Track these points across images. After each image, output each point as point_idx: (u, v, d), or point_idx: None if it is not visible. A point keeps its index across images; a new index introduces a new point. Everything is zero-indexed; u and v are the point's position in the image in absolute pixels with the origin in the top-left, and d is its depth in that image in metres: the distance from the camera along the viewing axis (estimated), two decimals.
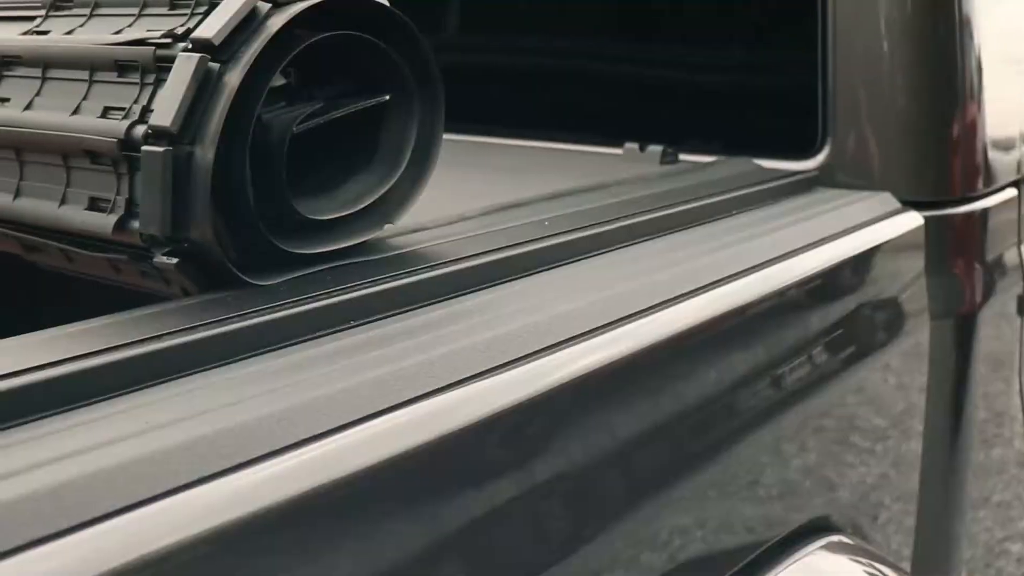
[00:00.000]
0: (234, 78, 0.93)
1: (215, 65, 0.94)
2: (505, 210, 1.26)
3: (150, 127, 0.94)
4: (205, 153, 0.92)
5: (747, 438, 1.21)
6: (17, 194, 1.06)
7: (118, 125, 0.96)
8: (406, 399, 0.81)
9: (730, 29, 1.87)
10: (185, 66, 0.93)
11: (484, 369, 0.87)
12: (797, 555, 1.32)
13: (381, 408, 0.79)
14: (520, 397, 0.88)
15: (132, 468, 0.68)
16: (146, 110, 0.97)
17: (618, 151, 1.73)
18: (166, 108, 0.93)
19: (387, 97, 1.06)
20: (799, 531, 1.34)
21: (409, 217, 1.09)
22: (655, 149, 1.69)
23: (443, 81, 1.08)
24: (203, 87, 0.93)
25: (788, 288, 1.28)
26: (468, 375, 0.86)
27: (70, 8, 1.11)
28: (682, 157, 1.71)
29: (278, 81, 1.00)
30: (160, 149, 0.92)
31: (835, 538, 1.39)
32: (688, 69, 1.88)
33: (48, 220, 1.03)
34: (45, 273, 1.16)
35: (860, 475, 1.47)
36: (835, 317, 1.38)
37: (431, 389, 0.83)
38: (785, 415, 1.28)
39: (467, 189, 1.38)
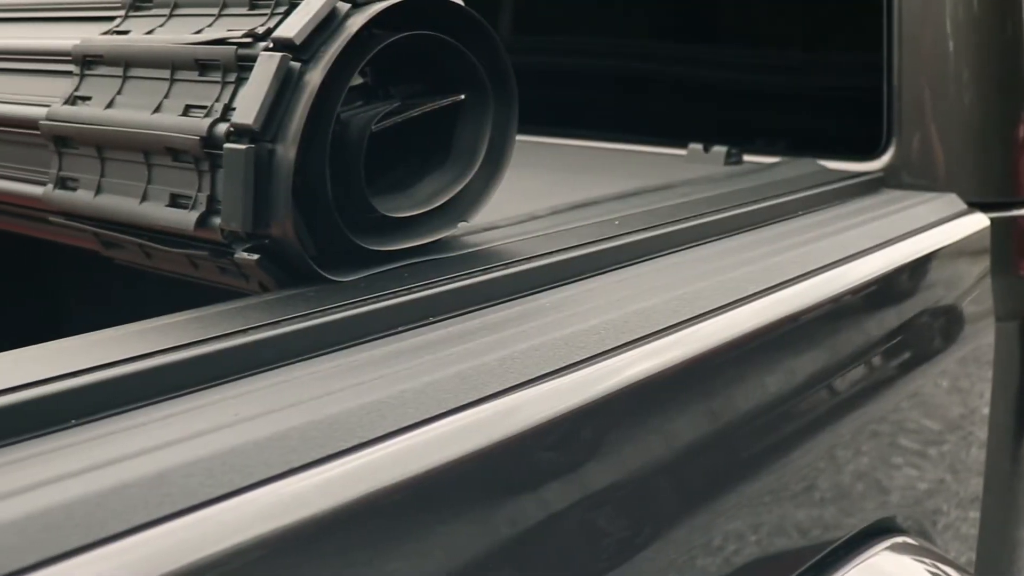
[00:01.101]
0: (315, 77, 0.94)
1: (296, 64, 0.95)
2: (574, 209, 1.27)
3: (232, 125, 0.95)
4: (287, 151, 0.93)
5: (814, 439, 1.21)
6: (98, 191, 1.08)
7: (200, 123, 0.98)
8: (491, 393, 0.82)
9: (795, 30, 1.87)
10: (267, 65, 0.95)
11: (565, 365, 0.87)
12: (863, 556, 1.32)
13: (467, 402, 0.80)
14: (600, 392, 0.89)
15: (227, 458, 0.69)
16: (228, 108, 0.98)
17: (682, 152, 1.74)
18: (248, 106, 0.94)
19: (463, 96, 1.07)
20: (865, 532, 1.33)
21: (479, 216, 1.09)
22: (719, 150, 1.69)
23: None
24: (284, 86, 0.94)
25: (857, 289, 1.28)
26: (550, 370, 0.86)
27: (149, 8, 1.13)
28: (746, 158, 1.71)
29: (356, 80, 1.01)
30: (242, 146, 0.93)
31: (900, 539, 1.38)
32: (752, 70, 1.88)
33: (129, 216, 1.04)
34: (120, 269, 1.17)
35: (925, 478, 1.47)
36: (902, 319, 1.38)
37: (515, 384, 0.83)
38: (852, 416, 1.28)
39: (534, 189, 1.39)
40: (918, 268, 1.42)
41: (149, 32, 1.10)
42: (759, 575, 1.14)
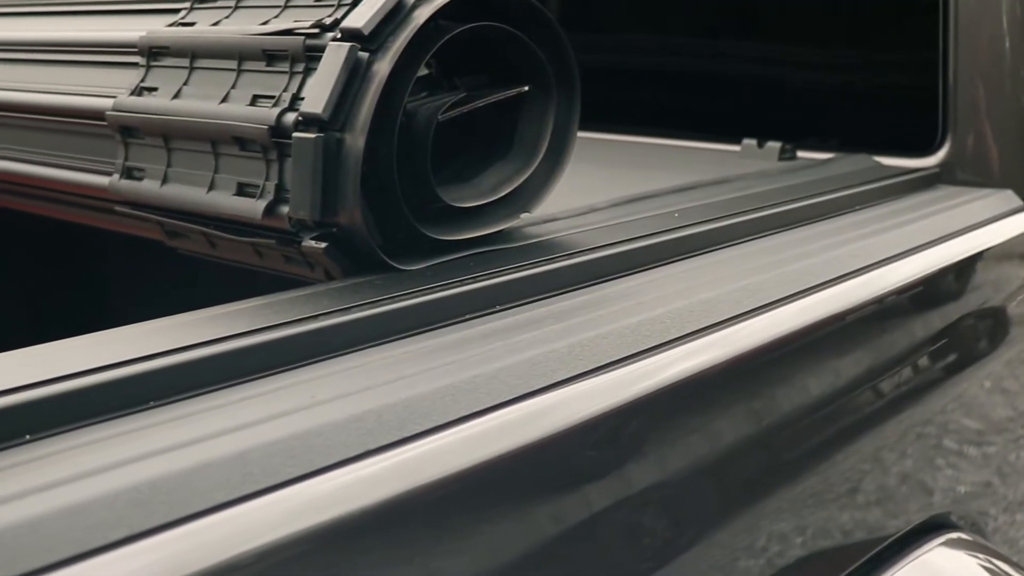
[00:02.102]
0: (383, 67, 0.95)
1: (364, 54, 0.96)
2: (633, 202, 1.27)
3: (301, 114, 0.96)
4: (355, 140, 0.94)
5: (873, 432, 1.21)
6: (164, 180, 1.09)
7: (268, 112, 0.99)
8: (560, 379, 0.82)
9: (851, 27, 1.86)
10: (335, 55, 0.95)
11: (633, 352, 0.88)
12: (918, 551, 1.32)
13: (537, 388, 0.81)
14: (667, 381, 0.89)
15: (306, 439, 0.70)
16: (296, 98, 0.99)
17: (735, 148, 1.74)
18: (317, 95, 0.95)
19: (527, 88, 1.07)
20: (919, 528, 1.33)
21: (540, 208, 1.10)
22: (773, 145, 1.69)
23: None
24: (353, 76, 0.95)
25: (916, 283, 1.28)
26: (618, 358, 0.87)
27: (215, 1, 1.14)
28: (799, 154, 1.70)
29: (421, 71, 1.01)
30: (311, 135, 0.94)
31: (955, 535, 1.38)
32: (807, 67, 1.88)
33: (196, 205, 1.05)
34: (181, 259, 1.18)
35: (980, 474, 1.46)
36: (959, 313, 1.38)
37: (584, 371, 0.84)
38: (909, 410, 1.28)
39: (590, 183, 1.39)
40: (975, 264, 1.42)
41: (215, 24, 1.11)
42: (817, 569, 1.14)
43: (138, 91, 1.13)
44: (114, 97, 1.14)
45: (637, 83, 2.07)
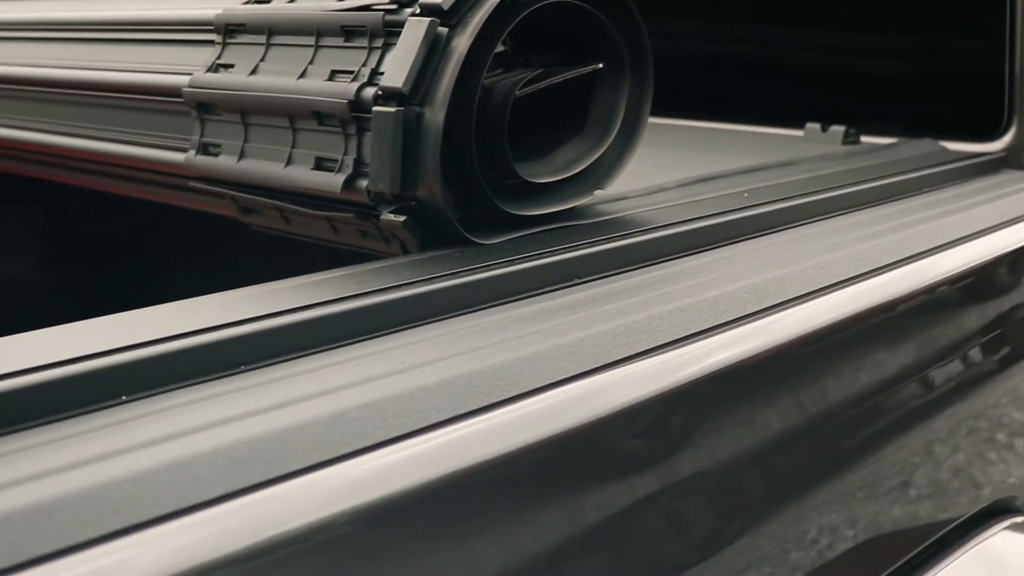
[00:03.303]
0: (462, 43, 0.96)
1: (443, 30, 0.96)
2: (701, 182, 1.27)
3: (381, 88, 0.97)
4: (435, 114, 0.95)
5: (939, 414, 1.21)
6: (241, 155, 1.10)
7: (347, 87, 1.00)
8: (642, 350, 0.83)
9: (915, 11, 1.86)
10: (415, 29, 0.96)
11: (712, 326, 0.89)
12: (982, 535, 1.31)
13: (620, 358, 0.81)
14: (745, 354, 0.90)
15: (398, 402, 0.70)
16: (375, 73, 1.00)
17: (798, 132, 1.74)
18: (397, 70, 0.96)
19: (601, 65, 1.08)
20: (984, 512, 1.33)
21: (610, 186, 1.11)
22: (837, 129, 1.69)
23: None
24: (432, 51, 0.96)
25: (981, 266, 1.27)
26: (697, 331, 0.87)
27: None
28: (862, 139, 1.70)
29: (496, 48, 1.02)
30: (391, 109, 0.95)
31: (1020, 519, 1.38)
32: (871, 52, 1.87)
33: (273, 180, 1.07)
34: (255, 236, 1.20)
35: None
36: None
37: (664, 342, 0.85)
38: (976, 392, 1.28)
39: (658, 164, 1.39)
40: None
41: (291, 1, 1.12)
42: (882, 550, 1.14)
43: (214, 68, 1.14)
44: (190, 75, 1.16)
45: (701, 69, 2.07)
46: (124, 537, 0.58)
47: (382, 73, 0.99)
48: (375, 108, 0.96)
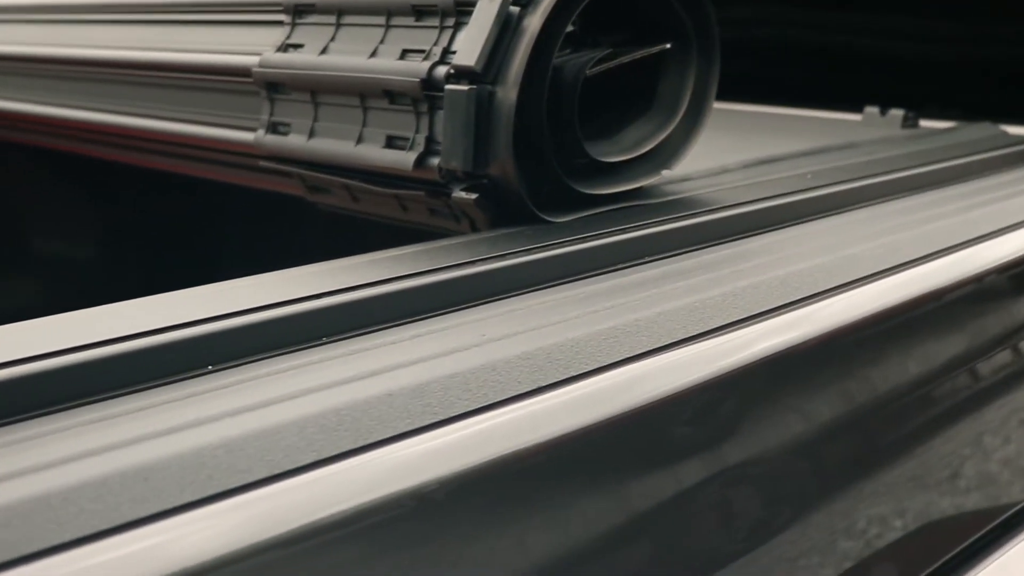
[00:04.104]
0: (534, 22, 0.96)
1: (515, 9, 0.97)
2: (764, 164, 1.28)
3: (453, 67, 0.98)
4: (507, 93, 0.95)
5: (991, 403, 1.21)
6: (311, 134, 1.11)
7: (419, 66, 1.00)
8: (717, 326, 0.83)
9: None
10: (487, 9, 0.97)
11: (785, 303, 0.89)
12: None
13: (695, 333, 0.82)
14: (818, 331, 0.90)
15: (480, 374, 0.71)
16: (447, 52, 1.01)
17: (857, 117, 1.74)
18: (470, 49, 0.96)
19: (669, 45, 1.08)
20: None
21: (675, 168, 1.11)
22: (896, 113, 1.69)
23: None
24: (504, 30, 0.97)
25: None
26: (771, 307, 0.88)
27: None
28: (921, 123, 1.70)
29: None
30: (464, 88, 0.96)
31: None
32: (931, 37, 1.87)
33: (344, 158, 1.08)
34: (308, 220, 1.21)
35: None
36: None
37: (739, 319, 0.85)
38: None
39: (718, 147, 1.40)
40: None
41: None
42: (932, 541, 1.14)
43: (284, 48, 1.15)
44: (258, 55, 1.17)
45: (758, 54, 2.06)
46: (218, 502, 0.59)
47: (454, 52, 0.99)
48: (447, 87, 0.97)
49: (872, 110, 1.72)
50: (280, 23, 1.18)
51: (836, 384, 0.93)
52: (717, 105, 1.12)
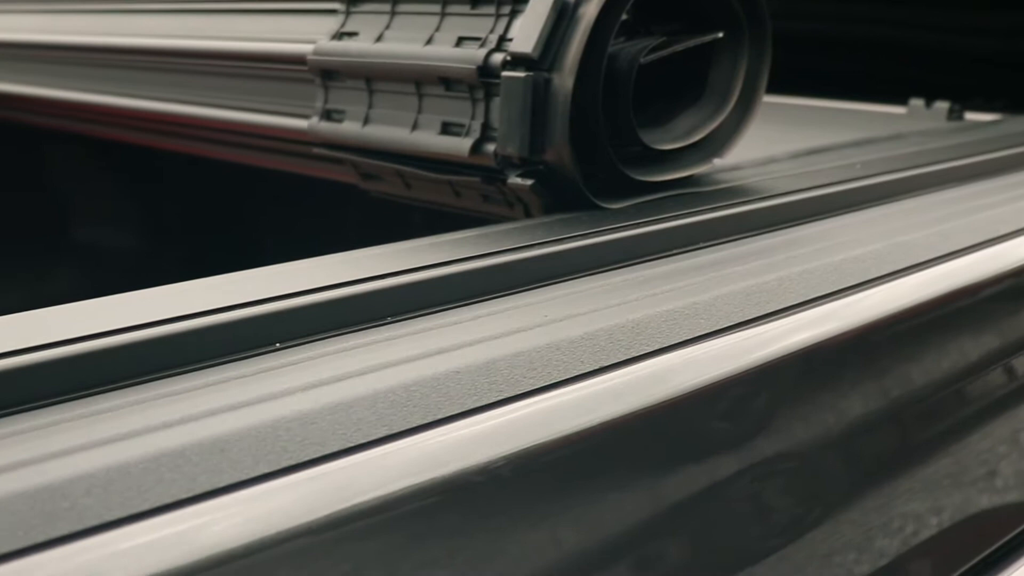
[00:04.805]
0: (590, 10, 0.97)
1: None
2: (812, 154, 1.28)
3: (510, 54, 0.99)
4: (563, 80, 0.96)
5: None
6: (366, 121, 1.13)
7: (476, 53, 1.02)
8: (773, 311, 0.84)
9: None
10: None
11: (840, 288, 0.90)
12: None
13: (752, 317, 0.83)
14: (871, 317, 0.91)
15: (544, 353, 0.72)
16: (502, 39, 1.02)
17: (901, 110, 1.74)
18: (527, 36, 0.98)
19: (721, 34, 1.09)
20: None
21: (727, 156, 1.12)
22: (941, 105, 1.69)
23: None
24: (560, 18, 0.98)
25: None
26: (826, 292, 0.89)
27: None
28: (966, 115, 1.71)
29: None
30: (521, 74, 0.97)
31: None
32: (974, 30, 1.87)
33: (399, 145, 1.09)
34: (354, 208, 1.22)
35: None
36: None
37: (794, 303, 0.86)
38: None
39: (766, 138, 1.40)
40: None
41: None
42: (968, 539, 1.14)
43: (339, 36, 1.16)
44: (312, 43, 1.18)
45: (804, 47, 2.07)
46: (293, 473, 0.60)
47: (509, 40, 1.01)
48: (504, 73, 0.98)
49: (917, 102, 1.72)
50: (333, 12, 1.19)
51: (892, 370, 0.94)
52: (768, 99, 1.13)
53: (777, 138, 1.45)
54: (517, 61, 0.98)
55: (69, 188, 2.29)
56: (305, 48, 1.19)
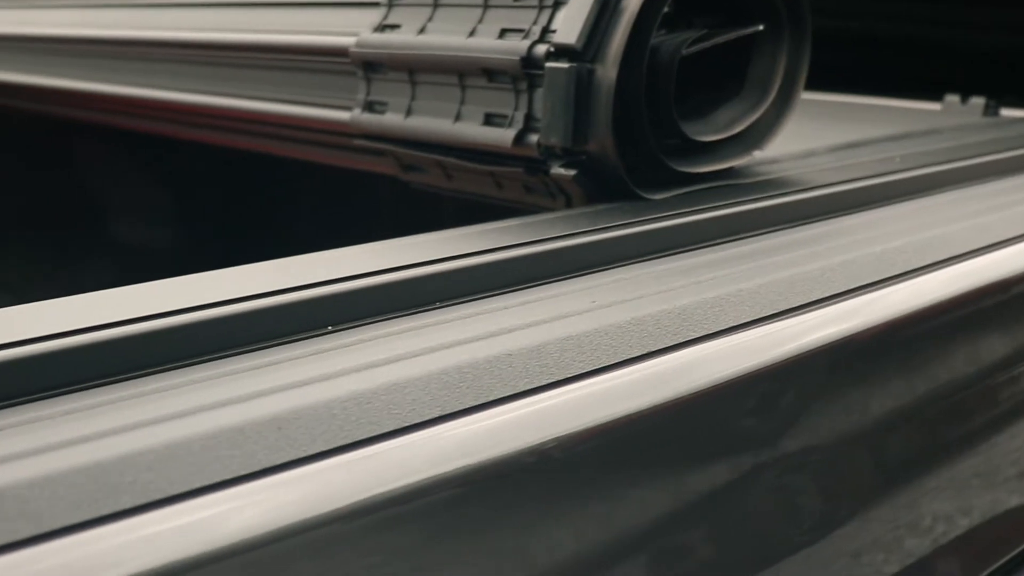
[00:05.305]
0: (633, 2, 0.98)
1: None
2: (850, 148, 1.29)
3: (554, 45, 1.00)
4: (607, 72, 0.97)
5: None
6: (408, 113, 1.14)
7: (519, 44, 1.03)
8: (816, 299, 0.85)
9: None
10: None
11: (881, 278, 0.90)
12: None
13: (796, 305, 0.84)
14: (911, 307, 0.92)
15: (593, 338, 0.73)
16: (545, 31, 1.02)
17: (936, 106, 1.74)
18: (570, 27, 0.98)
19: (761, 27, 1.10)
20: None
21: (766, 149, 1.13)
22: (977, 101, 1.69)
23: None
24: (604, 10, 0.99)
25: None
26: (868, 282, 0.89)
27: None
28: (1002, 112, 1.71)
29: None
30: (564, 65, 0.98)
31: None
32: (1011, 26, 1.87)
33: (442, 136, 1.10)
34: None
35: None
36: None
37: (837, 292, 0.87)
38: None
39: (803, 132, 1.41)
40: None
41: None
42: (997, 539, 1.14)
43: (381, 28, 1.17)
44: (354, 35, 1.19)
45: (839, 43, 2.07)
46: (349, 452, 0.61)
47: (553, 31, 1.01)
48: (548, 64, 0.99)
49: (952, 98, 1.72)
50: (375, 4, 1.20)
51: (929, 361, 0.94)
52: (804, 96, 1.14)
53: (815, 133, 1.45)
54: (560, 52, 0.99)
55: (108, 181, 2.31)
56: (347, 40, 1.20)
